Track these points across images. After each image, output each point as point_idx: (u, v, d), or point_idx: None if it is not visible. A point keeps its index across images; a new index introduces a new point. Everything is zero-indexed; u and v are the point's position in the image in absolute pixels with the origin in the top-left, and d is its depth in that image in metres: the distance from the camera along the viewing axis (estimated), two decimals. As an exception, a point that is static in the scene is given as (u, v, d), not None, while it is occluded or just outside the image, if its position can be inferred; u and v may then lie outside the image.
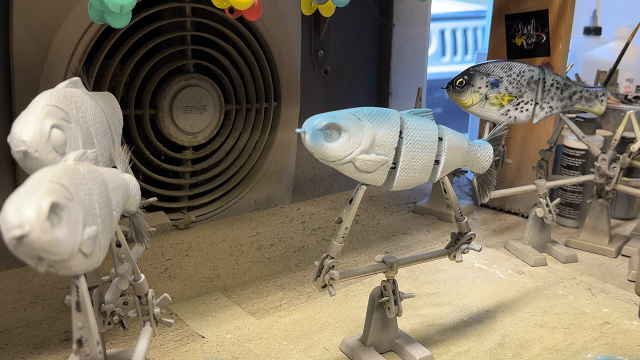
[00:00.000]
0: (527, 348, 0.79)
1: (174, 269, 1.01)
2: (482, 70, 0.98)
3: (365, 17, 1.43)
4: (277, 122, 1.28)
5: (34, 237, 0.36)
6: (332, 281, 0.70)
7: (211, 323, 0.84)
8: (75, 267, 0.41)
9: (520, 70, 0.99)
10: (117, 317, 0.62)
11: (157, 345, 0.78)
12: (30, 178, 0.40)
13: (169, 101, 1.12)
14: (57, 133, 0.51)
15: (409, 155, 0.66)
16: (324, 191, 1.42)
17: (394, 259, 0.74)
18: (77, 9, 0.96)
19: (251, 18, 0.74)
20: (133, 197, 0.58)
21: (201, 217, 1.21)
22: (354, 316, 0.86)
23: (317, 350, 0.78)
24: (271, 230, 1.19)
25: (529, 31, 1.17)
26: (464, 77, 0.98)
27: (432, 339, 0.81)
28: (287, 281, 0.97)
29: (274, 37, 1.22)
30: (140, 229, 0.62)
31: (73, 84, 0.60)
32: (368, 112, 0.64)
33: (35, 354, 0.76)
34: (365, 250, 1.10)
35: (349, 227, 0.69)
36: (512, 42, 1.20)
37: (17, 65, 0.94)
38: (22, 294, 0.91)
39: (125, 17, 0.63)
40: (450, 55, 2.82)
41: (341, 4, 0.75)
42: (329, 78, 1.39)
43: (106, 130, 0.63)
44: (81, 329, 0.47)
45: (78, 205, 0.42)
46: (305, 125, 0.61)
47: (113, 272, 0.62)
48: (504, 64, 0.99)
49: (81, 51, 0.98)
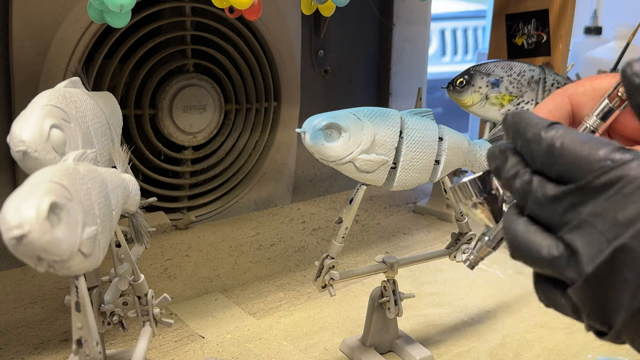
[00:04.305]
0: (527, 348, 0.79)
1: (174, 269, 1.01)
2: (483, 70, 0.98)
3: (365, 17, 1.42)
4: (277, 122, 1.28)
5: (33, 237, 0.36)
6: (332, 281, 0.70)
7: (211, 323, 0.84)
8: (74, 267, 0.41)
9: (521, 70, 0.99)
10: (116, 317, 0.62)
11: (157, 345, 0.78)
12: (29, 178, 0.40)
13: (169, 101, 1.12)
14: (56, 133, 0.51)
15: (409, 155, 0.66)
16: (324, 191, 1.42)
17: (394, 259, 0.74)
18: (76, 8, 0.96)
19: (251, 18, 0.74)
20: (132, 197, 0.58)
21: (201, 217, 1.21)
22: (354, 316, 0.86)
23: (317, 350, 0.78)
24: (271, 230, 1.19)
25: (530, 31, 1.17)
26: (465, 77, 0.98)
27: (433, 339, 0.81)
28: (287, 281, 0.97)
29: (274, 37, 1.22)
30: (139, 229, 0.62)
31: (72, 83, 0.60)
32: (368, 112, 0.64)
33: (35, 354, 0.76)
34: (366, 250, 1.10)
35: (349, 227, 0.69)
36: (513, 41, 1.20)
37: (17, 65, 0.93)
38: (21, 294, 0.91)
39: (124, 17, 0.63)
40: (450, 55, 2.82)
41: (341, 4, 0.74)
42: (329, 78, 1.38)
43: (106, 130, 0.62)
44: (81, 329, 0.47)
45: (77, 205, 0.42)
46: (305, 125, 0.61)
47: (112, 273, 0.62)
48: (504, 63, 0.99)
49: (81, 51, 0.98)
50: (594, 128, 0.36)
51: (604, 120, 0.36)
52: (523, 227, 0.32)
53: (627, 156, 0.29)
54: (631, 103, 0.32)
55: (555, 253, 0.31)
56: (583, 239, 0.30)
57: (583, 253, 0.30)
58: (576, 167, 0.31)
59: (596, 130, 0.36)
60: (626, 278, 0.29)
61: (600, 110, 0.36)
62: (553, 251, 0.31)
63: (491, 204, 0.38)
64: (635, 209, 0.28)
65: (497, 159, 0.35)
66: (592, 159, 0.30)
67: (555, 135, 0.32)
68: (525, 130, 0.33)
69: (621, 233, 0.29)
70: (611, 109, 0.36)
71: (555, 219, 0.31)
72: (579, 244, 0.30)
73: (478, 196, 0.38)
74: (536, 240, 0.32)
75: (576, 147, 0.31)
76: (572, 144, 0.31)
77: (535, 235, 0.32)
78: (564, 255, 0.31)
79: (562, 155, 0.31)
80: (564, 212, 0.31)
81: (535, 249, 0.32)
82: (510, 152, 0.35)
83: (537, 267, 0.33)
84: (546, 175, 0.32)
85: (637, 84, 0.31)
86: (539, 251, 0.32)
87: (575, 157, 0.31)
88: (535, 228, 0.32)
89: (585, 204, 0.30)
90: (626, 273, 0.29)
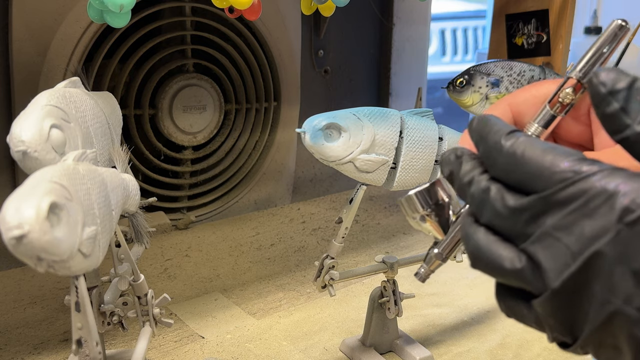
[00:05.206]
0: (527, 348, 0.79)
1: (174, 269, 1.00)
2: (483, 70, 0.98)
3: (365, 17, 1.42)
4: (277, 122, 1.28)
5: (33, 237, 0.36)
6: (332, 281, 0.70)
7: (211, 323, 0.84)
8: (74, 268, 0.41)
9: (521, 70, 0.99)
10: (116, 317, 0.62)
11: (157, 345, 0.78)
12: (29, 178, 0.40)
13: (169, 101, 1.12)
14: (56, 133, 0.51)
15: (409, 155, 0.66)
16: (324, 191, 1.42)
17: (394, 259, 0.74)
18: (76, 8, 0.96)
19: (251, 17, 0.74)
20: (132, 197, 0.58)
21: (201, 217, 1.21)
22: (354, 316, 0.86)
23: (317, 350, 0.78)
24: (271, 230, 1.19)
25: (530, 31, 1.17)
26: (465, 77, 0.97)
27: (433, 339, 0.81)
28: (287, 281, 0.97)
29: (274, 37, 1.22)
30: (139, 229, 0.62)
31: (72, 83, 0.60)
32: (368, 112, 0.64)
33: (35, 354, 0.76)
34: (366, 250, 1.10)
35: (349, 227, 0.69)
36: (513, 41, 1.20)
37: (17, 65, 0.93)
38: (21, 294, 0.91)
39: (124, 17, 0.63)
40: (450, 55, 2.82)
41: (341, 4, 0.74)
42: (329, 78, 1.38)
43: (105, 130, 0.62)
44: (80, 330, 0.47)
45: (77, 205, 0.42)
46: (305, 125, 0.61)
47: (112, 273, 0.62)
48: (504, 63, 0.99)
49: (80, 51, 0.98)
50: (536, 135, 0.35)
51: (546, 127, 0.35)
52: (484, 237, 0.32)
53: (592, 168, 0.29)
54: (597, 113, 0.31)
55: (518, 265, 0.30)
56: (546, 251, 0.29)
57: (547, 267, 0.29)
58: (538, 177, 0.30)
59: (538, 138, 0.36)
60: (593, 291, 0.28)
61: (541, 117, 0.35)
62: (516, 264, 0.30)
63: (438, 215, 0.37)
64: (601, 223, 0.28)
65: (452, 164, 0.34)
66: (555, 169, 0.29)
67: (516, 142, 0.31)
68: (487, 136, 0.33)
69: (587, 247, 0.28)
70: (553, 116, 0.35)
71: (516, 230, 0.31)
72: (542, 257, 0.29)
73: (425, 208, 0.37)
74: (498, 252, 0.31)
75: (538, 156, 0.30)
76: (534, 152, 0.30)
77: (497, 247, 0.31)
78: (527, 268, 0.30)
79: (524, 164, 0.30)
80: (525, 224, 0.30)
81: (497, 261, 0.31)
82: (466, 157, 0.34)
83: (499, 279, 0.32)
84: (505, 182, 0.32)
85: (603, 94, 0.30)
86: (501, 263, 0.31)
87: (537, 166, 0.30)
88: (495, 239, 0.31)
89: (548, 216, 0.29)
90: (593, 286, 0.28)
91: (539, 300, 0.30)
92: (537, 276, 0.30)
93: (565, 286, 0.29)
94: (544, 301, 0.30)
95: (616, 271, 0.28)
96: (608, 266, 0.28)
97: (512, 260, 0.30)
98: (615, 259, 0.28)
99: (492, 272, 0.32)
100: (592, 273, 0.28)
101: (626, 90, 0.30)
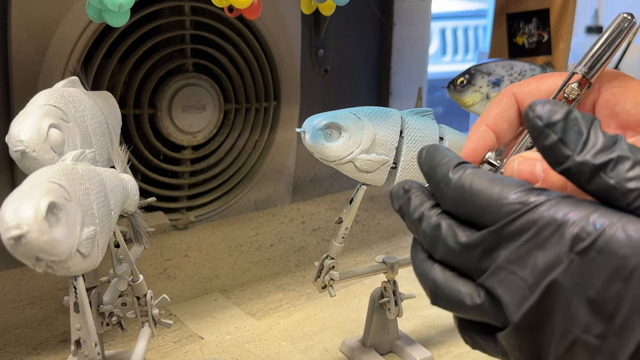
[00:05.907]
0: (528, 349, 0.79)
1: (173, 270, 1.00)
2: (483, 70, 0.98)
3: (365, 17, 1.42)
4: (276, 122, 1.28)
5: (31, 237, 0.36)
6: (332, 282, 0.70)
7: (210, 324, 0.84)
8: (73, 268, 0.41)
9: (522, 70, 0.99)
10: (115, 318, 0.62)
11: (156, 346, 0.78)
12: (28, 178, 0.40)
13: (168, 100, 1.11)
14: (55, 133, 0.51)
15: (410, 155, 0.66)
16: (324, 191, 1.41)
17: (394, 260, 0.73)
18: (75, 8, 0.96)
19: (251, 17, 0.74)
20: (131, 197, 0.58)
21: (200, 217, 1.20)
22: (354, 317, 0.86)
23: (317, 351, 0.77)
24: (271, 230, 1.19)
25: (530, 30, 1.17)
26: (465, 77, 0.97)
27: (433, 340, 0.80)
28: (286, 282, 0.97)
29: (274, 36, 1.21)
30: (138, 229, 0.62)
31: (71, 83, 0.59)
32: (368, 111, 0.64)
33: (34, 354, 0.76)
34: (366, 250, 1.09)
35: (349, 228, 0.69)
36: (514, 41, 1.20)
37: (16, 64, 0.93)
38: (20, 295, 0.91)
39: (123, 16, 0.62)
40: (451, 55, 2.82)
41: (341, 3, 0.74)
42: (329, 77, 1.38)
43: (104, 130, 0.62)
44: (79, 330, 0.47)
45: (76, 205, 0.41)
46: (305, 124, 0.61)
47: (111, 273, 0.62)
48: (505, 63, 0.99)
49: (79, 50, 0.98)
50: None
51: None
52: (440, 274, 0.31)
53: (539, 198, 0.29)
54: (536, 145, 0.31)
55: (478, 301, 0.30)
56: (503, 285, 0.29)
57: (506, 301, 0.29)
58: (486, 210, 0.30)
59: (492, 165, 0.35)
60: (553, 322, 0.28)
61: None
62: (476, 299, 0.30)
63: None
64: (553, 253, 0.28)
65: (400, 198, 0.34)
66: (503, 202, 0.29)
67: (463, 175, 0.31)
68: (435, 169, 0.33)
69: (543, 279, 0.28)
70: None
71: (471, 266, 0.30)
72: (500, 292, 0.29)
73: None
74: (457, 288, 0.31)
75: (486, 188, 0.30)
76: (482, 185, 0.30)
77: (455, 283, 0.31)
78: (487, 303, 0.30)
79: (472, 197, 0.30)
80: (478, 259, 0.30)
81: (457, 298, 0.31)
82: (415, 191, 0.34)
83: (462, 315, 0.32)
84: (455, 215, 0.31)
85: (540, 127, 0.30)
86: (461, 300, 0.31)
87: (485, 199, 0.30)
88: (452, 274, 0.31)
89: (501, 250, 0.29)
90: (553, 317, 0.28)
91: (503, 334, 0.30)
92: (498, 310, 0.30)
93: (525, 319, 0.29)
94: (507, 335, 0.30)
95: (573, 300, 0.27)
96: (565, 296, 0.28)
97: (472, 295, 0.30)
98: (571, 288, 0.27)
99: (454, 309, 0.32)
100: (551, 304, 0.28)
101: (562, 121, 0.29)
